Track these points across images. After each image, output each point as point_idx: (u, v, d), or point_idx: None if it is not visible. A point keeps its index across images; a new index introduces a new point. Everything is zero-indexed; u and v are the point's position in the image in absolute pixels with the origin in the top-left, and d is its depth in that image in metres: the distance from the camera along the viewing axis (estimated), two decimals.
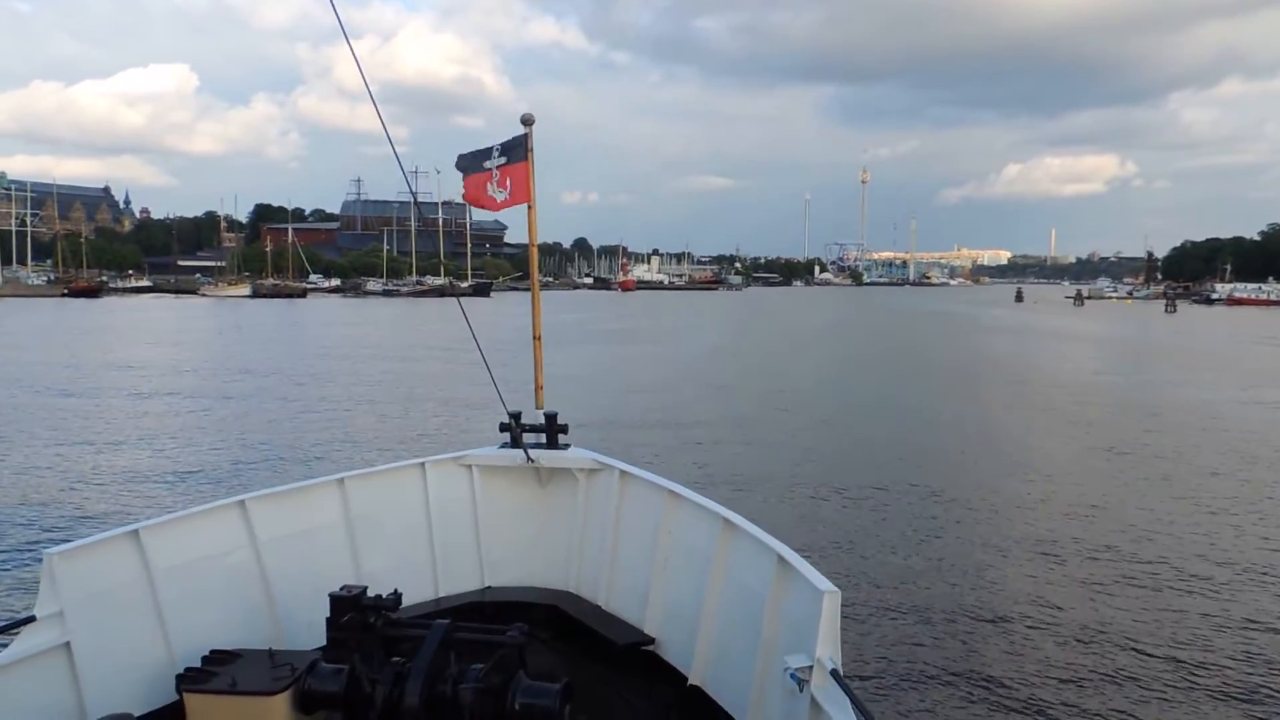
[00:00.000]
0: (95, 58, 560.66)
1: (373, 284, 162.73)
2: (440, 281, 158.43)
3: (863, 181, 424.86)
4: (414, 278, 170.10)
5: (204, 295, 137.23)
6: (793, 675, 3.57)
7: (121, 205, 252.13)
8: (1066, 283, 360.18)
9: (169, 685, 4.24)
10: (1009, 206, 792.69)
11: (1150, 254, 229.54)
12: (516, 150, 6.09)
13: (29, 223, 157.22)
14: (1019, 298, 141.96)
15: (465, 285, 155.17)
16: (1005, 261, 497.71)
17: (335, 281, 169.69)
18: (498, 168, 6.12)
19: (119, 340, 50.57)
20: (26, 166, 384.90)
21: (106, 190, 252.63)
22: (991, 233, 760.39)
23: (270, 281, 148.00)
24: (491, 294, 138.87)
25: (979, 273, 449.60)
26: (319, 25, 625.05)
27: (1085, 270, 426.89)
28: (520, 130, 6.13)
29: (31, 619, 4.15)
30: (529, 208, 6.24)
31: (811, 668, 3.52)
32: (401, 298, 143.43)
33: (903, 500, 14.89)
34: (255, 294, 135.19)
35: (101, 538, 4.55)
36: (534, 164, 6.12)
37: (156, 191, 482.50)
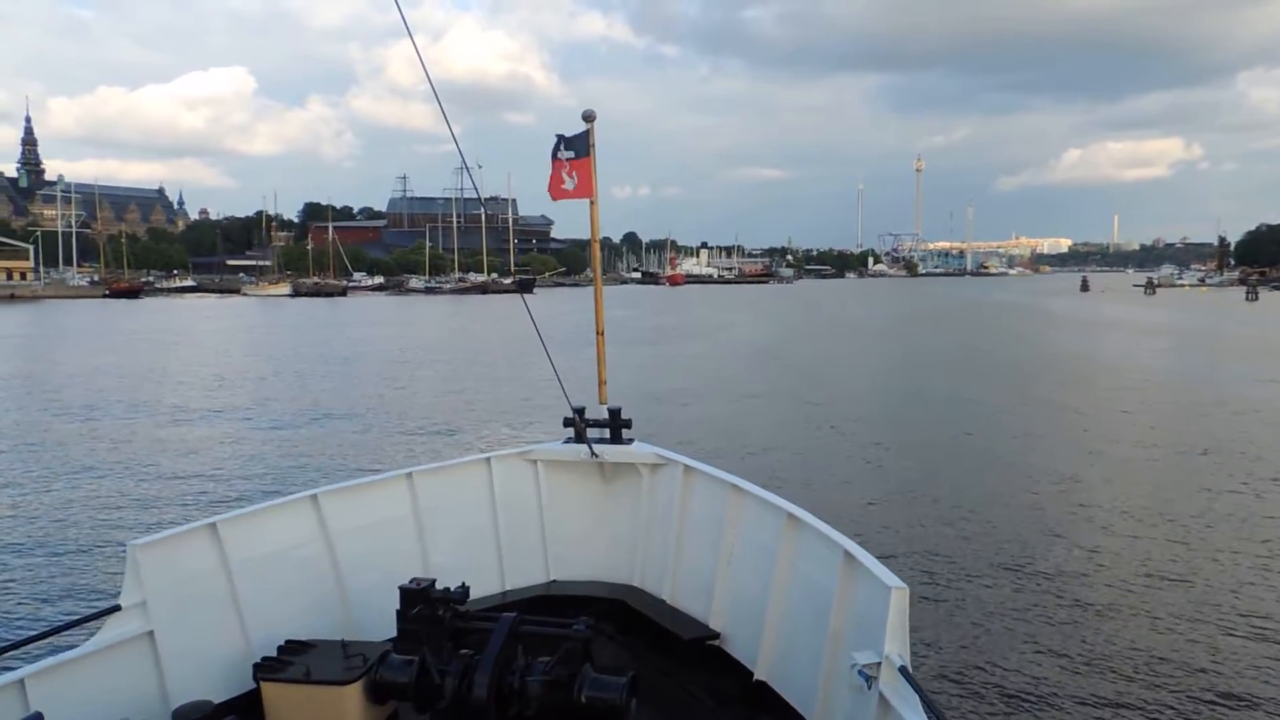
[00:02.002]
0: (156, 62, 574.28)
1: (415, 281, 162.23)
2: (483, 278, 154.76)
3: (917, 170, 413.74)
4: (456, 274, 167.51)
5: (245, 294, 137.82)
6: (860, 672, 3.54)
7: (175, 206, 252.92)
8: (1130, 270, 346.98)
9: (246, 674, 4.35)
10: (1069, 193, 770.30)
11: (1222, 239, 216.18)
12: (580, 145, 6.24)
13: (73, 224, 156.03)
14: (1084, 287, 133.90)
15: (508, 281, 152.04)
16: (1066, 250, 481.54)
17: (378, 279, 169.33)
18: (567, 160, 6.23)
19: (100, 345, 48.55)
20: (94, 170, 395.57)
21: (161, 191, 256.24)
22: (1051, 220, 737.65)
23: (310, 280, 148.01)
24: (535, 290, 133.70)
25: (1039, 261, 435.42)
26: (371, 26, 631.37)
27: (1150, 257, 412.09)
28: (583, 126, 6.25)
29: (117, 608, 4.29)
30: (591, 203, 6.33)
31: (880, 664, 3.49)
32: (444, 295, 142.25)
33: (969, 498, 14.55)
34: (296, 293, 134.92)
35: (182, 530, 4.69)
36: (595, 159, 6.23)
37: (216, 192, 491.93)
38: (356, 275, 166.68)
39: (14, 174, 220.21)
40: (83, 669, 4.10)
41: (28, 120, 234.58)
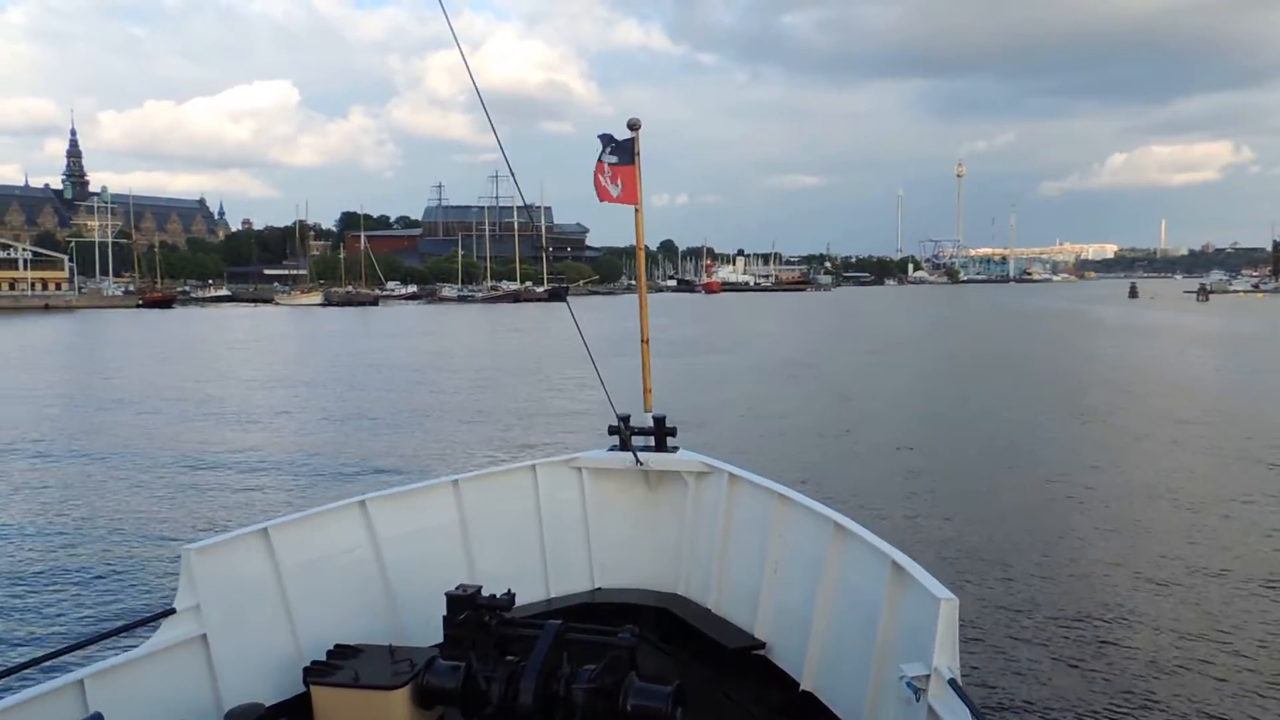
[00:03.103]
0: (204, 77, 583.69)
1: (448, 290, 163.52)
2: (515, 286, 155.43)
3: (958, 175, 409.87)
4: (489, 283, 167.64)
5: (278, 304, 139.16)
6: (909, 683, 3.52)
7: (216, 216, 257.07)
8: (1179, 276, 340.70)
9: (296, 677, 4.41)
10: (1114, 198, 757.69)
11: (1277, 243, 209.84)
12: (625, 153, 6.29)
13: (110, 234, 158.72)
14: (1133, 293, 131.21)
15: (540, 290, 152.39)
16: (1111, 255, 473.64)
17: (412, 288, 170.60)
18: (610, 165, 6.27)
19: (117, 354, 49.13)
20: (142, 182, 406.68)
21: (201, 202, 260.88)
22: (1096, 226, 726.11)
23: (342, 289, 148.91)
24: (568, 299, 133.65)
25: (1084, 267, 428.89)
26: (410, 37, 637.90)
27: (1198, 262, 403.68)
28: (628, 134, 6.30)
29: (171, 611, 4.37)
30: (636, 210, 6.38)
31: (928, 676, 3.47)
32: (476, 304, 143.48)
33: (1019, 509, 14.41)
34: (327, 302, 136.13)
35: (234, 535, 4.76)
36: (640, 168, 6.29)
37: (260, 203, 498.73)
38: (390, 284, 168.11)
39: (60, 186, 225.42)
40: (139, 670, 4.19)
41: (73, 133, 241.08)
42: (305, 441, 21.57)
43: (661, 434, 6.20)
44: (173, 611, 4.38)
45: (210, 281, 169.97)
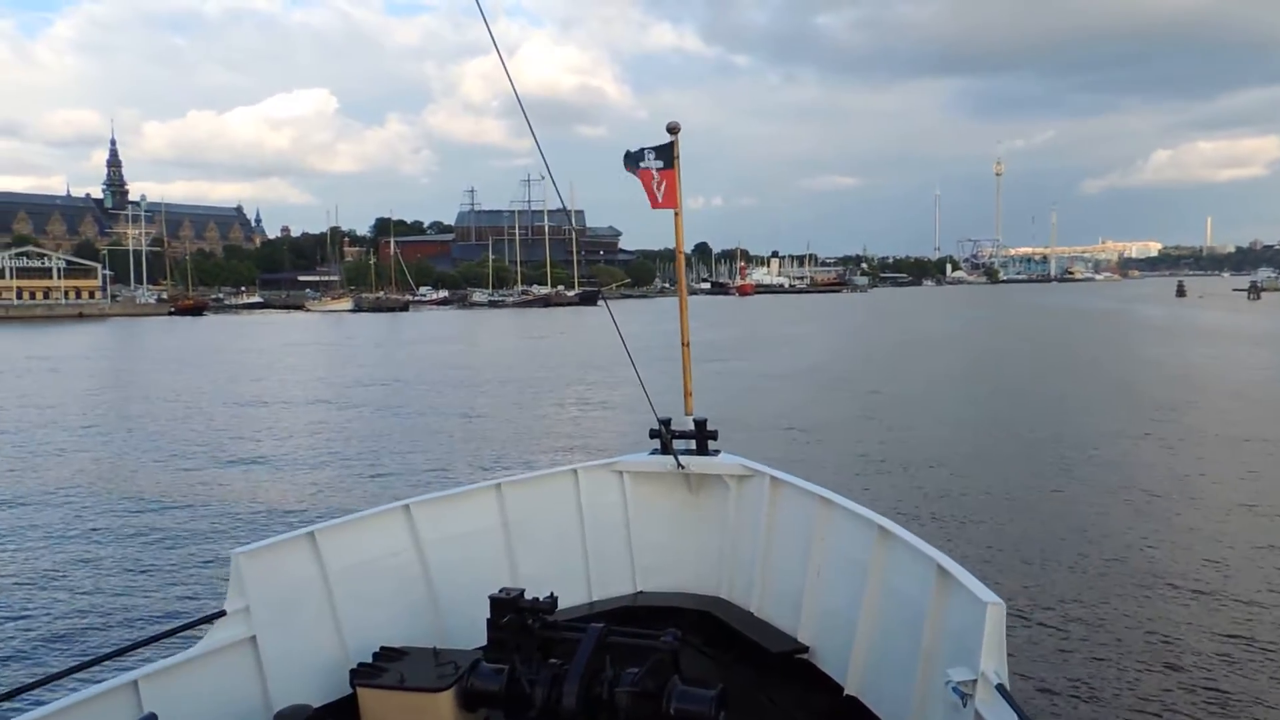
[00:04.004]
0: (244, 85, 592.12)
1: (478, 295, 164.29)
2: (546, 291, 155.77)
3: (997, 174, 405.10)
4: (519, 287, 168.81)
5: (309, 310, 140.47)
6: (955, 689, 3.51)
7: (253, 223, 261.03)
8: (1226, 274, 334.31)
9: (343, 679, 4.49)
10: (1158, 195, 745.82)
11: None
12: (666, 157, 6.31)
13: (144, 242, 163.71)
14: (1180, 291, 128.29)
15: (571, 294, 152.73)
16: (1155, 253, 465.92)
17: (443, 293, 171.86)
18: (655, 170, 6.33)
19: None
20: (185, 190, 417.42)
21: (239, 210, 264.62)
22: (1139, 223, 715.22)
23: (372, 295, 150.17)
24: (599, 302, 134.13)
25: (1128, 266, 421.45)
26: (445, 44, 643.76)
27: (1246, 260, 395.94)
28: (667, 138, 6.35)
29: (221, 613, 4.48)
30: (675, 214, 6.43)
31: (975, 681, 3.47)
32: (507, 308, 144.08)
33: (1073, 520, 14.02)
34: (357, 308, 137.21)
35: (282, 539, 4.86)
36: (680, 171, 6.32)
37: (299, 209, 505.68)
38: (422, 289, 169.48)
39: (100, 195, 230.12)
40: (191, 671, 4.29)
41: (113, 143, 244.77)
42: (326, 447, 21.88)
43: (703, 437, 6.21)
44: (223, 614, 4.48)
45: (243, 288, 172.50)
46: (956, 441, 20.82)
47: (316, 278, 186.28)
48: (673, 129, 6.33)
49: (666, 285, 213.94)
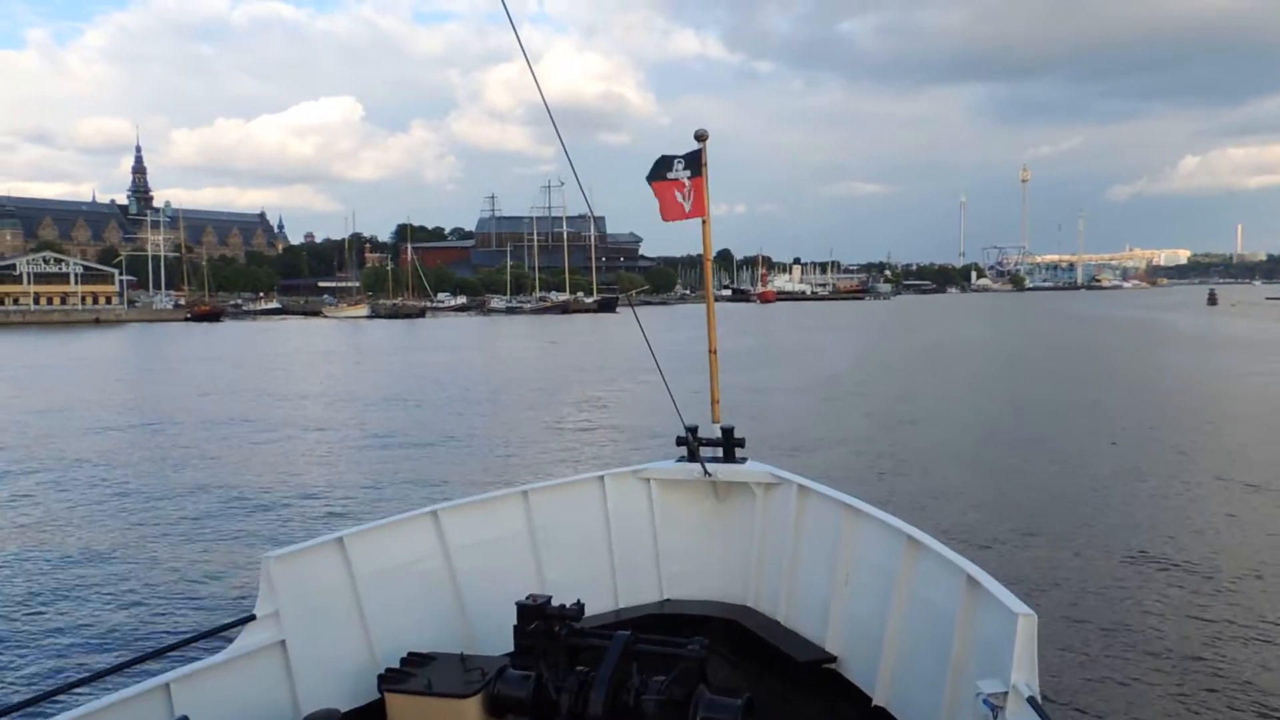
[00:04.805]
0: (270, 93, 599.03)
1: (496, 301, 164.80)
2: (564, 297, 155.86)
3: (1023, 180, 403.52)
4: (537, 294, 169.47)
5: (326, 316, 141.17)
6: (986, 701, 3.49)
7: (276, 230, 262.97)
8: (1258, 281, 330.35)
9: (371, 684, 4.57)
10: (1187, 202, 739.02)
11: None
12: (694, 164, 6.33)
13: (163, 248, 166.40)
14: (1212, 300, 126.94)
15: (590, 300, 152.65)
16: (1185, 261, 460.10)
17: (461, 300, 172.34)
18: (685, 179, 6.35)
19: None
20: (214, 197, 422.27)
21: (262, 216, 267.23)
22: (1168, 230, 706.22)
23: (388, 302, 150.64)
24: (618, 309, 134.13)
25: (1156, 273, 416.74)
26: (469, 52, 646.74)
27: (1278, 268, 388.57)
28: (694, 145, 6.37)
29: (252, 617, 4.52)
30: (703, 222, 6.46)
31: (1006, 694, 3.45)
32: (524, 314, 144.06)
33: (1096, 526, 14.08)
34: (374, 314, 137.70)
35: (311, 544, 4.91)
36: (708, 179, 6.35)
37: (325, 217, 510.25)
38: (440, 296, 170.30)
39: (125, 201, 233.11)
40: (222, 675, 4.35)
41: (138, 150, 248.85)
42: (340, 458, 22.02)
43: (730, 445, 6.21)
44: (253, 618, 4.53)
45: (261, 294, 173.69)
46: (983, 452, 20.68)
47: (335, 284, 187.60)
48: (700, 136, 6.35)
49: (687, 292, 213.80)
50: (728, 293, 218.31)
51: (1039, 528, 14.14)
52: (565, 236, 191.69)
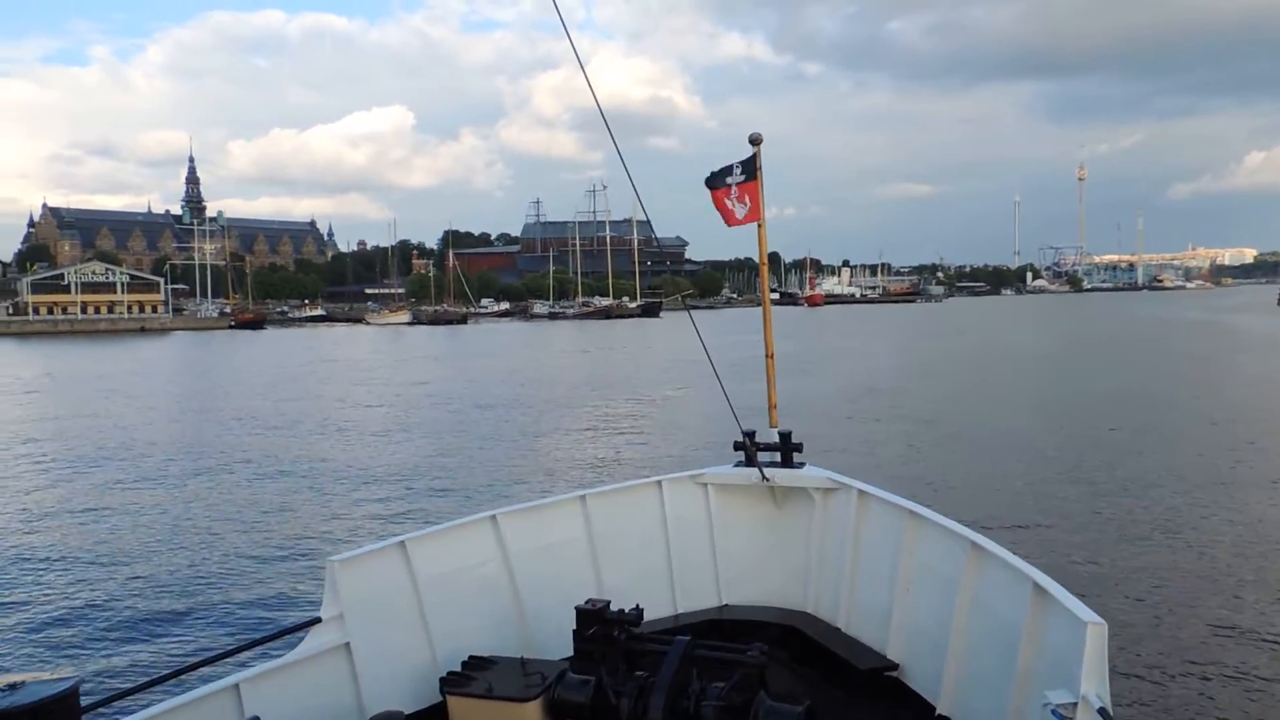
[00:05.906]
0: (324, 104, 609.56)
1: (539, 307, 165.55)
2: (608, 302, 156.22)
3: (1079, 179, 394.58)
4: (580, 299, 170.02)
5: (369, 323, 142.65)
6: (1054, 711, 3.46)
7: (325, 237, 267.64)
8: None
9: (433, 687, 4.61)
10: (1252, 199, 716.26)
11: None
12: (749, 169, 6.37)
13: (209, 257, 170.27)
14: None
15: (633, 305, 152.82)
16: (1250, 260, 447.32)
17: (504, 305, 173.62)
18: (737, 184, 6.39)
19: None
20: (269, 207, 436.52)
21: (312, 224, 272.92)
22: (1232, 229, 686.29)
23: (430, 308, 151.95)
24: (662, 314, 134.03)
25: (1220, 273, 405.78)
26: (517, 59, 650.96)
27: None
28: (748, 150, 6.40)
29: (317, 620, 4.63)
30: (759, 226, 6.51)
31: (1075, 705, 3.41)
32: (567, 320, 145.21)
33: (1183, 541, 13.62)
34: (416, 321, 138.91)
35: (375, 548, 5.05)
36: (762, 183, 6.38)
37: (377, 225, 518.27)
38: (484, 301, 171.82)
39: (179, 211, 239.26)
40: (289, 676, 4.47)
41: (191, 161, 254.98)
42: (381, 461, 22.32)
43: (788, 449, 6.21)
44: (318, 620, 4.63)
45: (306, 301, 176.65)
46: (1054, 459, 20.28)
47: (381, 290, 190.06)
48: (755, 140, 6.37)
49: (734, 296, 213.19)
50: (775, 296, 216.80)
51: (1113, 534, 13.94)
52: (608, 240, 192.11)
